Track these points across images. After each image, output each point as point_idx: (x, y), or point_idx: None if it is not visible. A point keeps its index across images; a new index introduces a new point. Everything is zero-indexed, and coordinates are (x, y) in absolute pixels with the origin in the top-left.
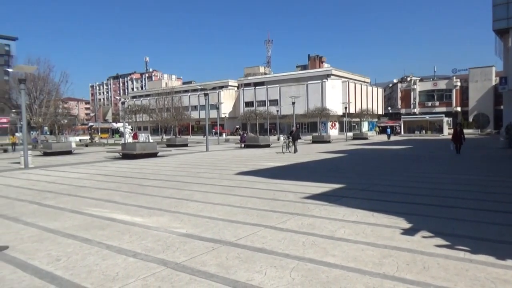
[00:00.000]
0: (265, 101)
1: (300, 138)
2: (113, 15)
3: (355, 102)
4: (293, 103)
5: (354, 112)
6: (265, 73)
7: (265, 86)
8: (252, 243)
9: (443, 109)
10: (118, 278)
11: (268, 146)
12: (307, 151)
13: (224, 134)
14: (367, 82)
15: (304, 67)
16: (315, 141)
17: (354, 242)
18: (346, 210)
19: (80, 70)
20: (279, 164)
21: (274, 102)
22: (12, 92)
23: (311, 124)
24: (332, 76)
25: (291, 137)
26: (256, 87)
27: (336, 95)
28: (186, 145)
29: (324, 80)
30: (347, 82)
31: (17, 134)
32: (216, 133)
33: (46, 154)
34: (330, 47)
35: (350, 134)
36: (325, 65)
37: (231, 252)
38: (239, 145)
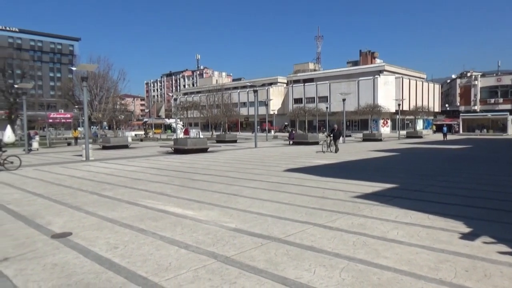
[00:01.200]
0: (314, 97)
1: (341, 137)
2: (167, 15)
3: (409, 99)
4: (344, 100)
5: (408, 109)
6: (315, 70)
7: (314, 83)
8: (301, 240)
9: (508, 106)
10: (171, 268)
11: (317, 143)
12: (357, 149)
13: (272, 131)
14: (423, 78)
15: (355, 63)
16: (365, 139)
17: (407, 244)
18: (399, 211)
19: (136, 68)
20: (329, 162)
21: (324, 99)
22: (75, 89)
23: (362, 122)
24: (384, 72)
25: (332, 136)
26: (306, 84)
27: (389, 92)
28: (235, 141)
29: (376, 76)
30: (401, 78)
31: (79, 129)
32: (264, 130)
33: (105, 147)
34: (383, 42)
35: (403, 132)
36: (378, 60)
37: (280, 249)
38: (287, 142)
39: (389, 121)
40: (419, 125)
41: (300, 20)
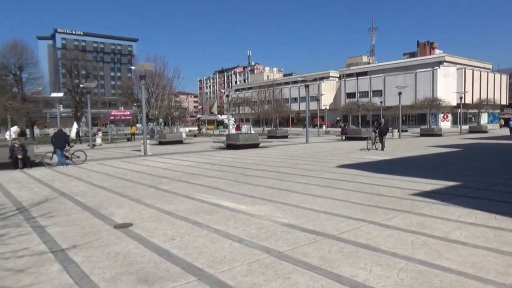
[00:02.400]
0: (368, 91)
1: (388, 132)
2: (218, 13)
3: (472, 91)
4: (400, 93)
5: (471, 102)
6: (368, 63)
7: (368, 76)
8: (356, 238)
9: None
10: (225, 261)
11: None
12: (415, 145)
13: (324, 126)
14: (488, 69)
15: (412, 55)
16: (423, 134)
17: (472, 246)
18: (462, 210)
19: (190, 66)
20: (384, 158)
21: (378, 93)
22: (134, 87)
23: (420, 116)
24: (444, 63)
25: (377, 131)
26: (359, 78)
27: (449, 84)
28: (286, 136)
29: (435, 67)
30: (463, 69)
31: (138, 125)
32: (316, 125)
33: (161, 143)
34: (443, 31)
35: (465, 127)
36: (437, 51)
37: (334, 246)
38: (339, 137)
39: (449, 115)
40: (484, 119)
41: (353, 12)
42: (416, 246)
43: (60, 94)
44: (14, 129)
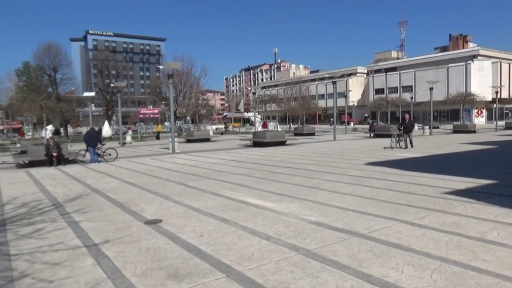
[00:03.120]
0: (397, 87)
1: (413, 129)
2: (245, 13)
3: (509, 86)
4: (431, 88)
5: (507, 97)
6: (398, 58)
7: (397, 72)
8: (386, 237)
9: None
10: (253, 258)
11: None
12: (447, 142)
13: (351, 123)
14: None
15: (444, 49)
16: (456, 130)
17: (511, 247)
18: (500, 210)
19: (217, 64)
20: (414, 155)
21: (408, 89)
22: (162, 86)
23: (452, 112)
24: (479, 57)
25: (402, 128)
26: (388, 73)
27: (484, 78)
28: (313, 134)
29: (468, 62)
30: (499, 63)
31: (166, 123)
32: (343, 122)
33: (188, 141)
34: (477, 24)
35: (501, 123)
36: (470, 44)
37: (363, 245)
38: (368, 135)
39: (484, 110)
40: None
41: (381, 6)
42: (450, 247)
43: (92, 94)
44: (50, 127)
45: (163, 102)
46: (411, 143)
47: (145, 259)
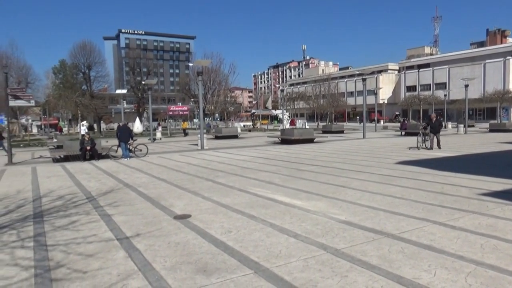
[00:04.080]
0: (430, 84)
1: (441, 128)
2: (273, 10)
3: None
4: (466, 86)
5: None
6: (431, 54)
7: (430, 68)
8: (418, 238)
9: None
10: (281, 255)
11: None
12: (483, 141)
13: (381, 121)
14: None
15: (481, 44)
16: (493, 129)
17: None
18: None
19: (245, 61)
20: (447, 154)
21: (441, 86)
22: (191, 83)
23: (489, 110)
24: None
25: (428, 128)
26: (420, 70)
27: None
28: (342, 131)
29: (507, 57)
30: None
31: (195, 120)
32: (373, 120)
33: (217, 137)
34: None
35: None
36: (509, 39)
37: (394, 245)
38: (399, 133)
39: None
40: None
41: (414, 1)
42: (486, 250)
43: (124, 91)
44: (84, 123)
45: (192, 99)
46: (438, 144)
47: (175, 253)
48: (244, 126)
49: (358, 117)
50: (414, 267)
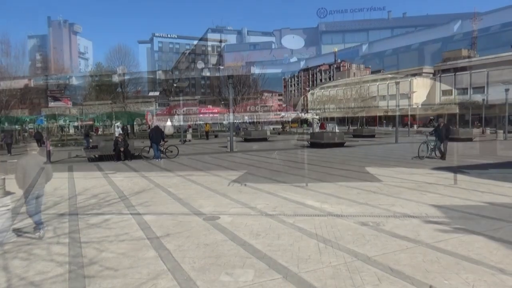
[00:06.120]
0: (467, 88)
1: (450, 136)
2: (300, 13)
3: None
4: (507, 89)
5: None
6: (469, 57)
7: (468, 72)
8: (454, 248)
9: None
10: (310, 261)
11: (470, 139)
12: None
13: (415, 126)
14: None
15: None
16: None
17: None
18: None
19: (275, 64)
20: (485, 161)
21: (480, 90)
22: (221, 86)
23: None
24: None
25: (435, 135)
26: (457, 73)
27: None
28: (373, 136)
29: None
30: None
31: (224, 122)
32: (406, 125)
33: (246, 140)
34: None
35: None
36: None
37: (429, 255)
38: (433, 137)
39: None
40: None
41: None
42: None
43: (157, 93)
44: (118, 124)
45: (222, 102)
46: (444, 154)
47: (203, 255)
48: (273, 129)
49: (384, 121)
50: (450, 279)
